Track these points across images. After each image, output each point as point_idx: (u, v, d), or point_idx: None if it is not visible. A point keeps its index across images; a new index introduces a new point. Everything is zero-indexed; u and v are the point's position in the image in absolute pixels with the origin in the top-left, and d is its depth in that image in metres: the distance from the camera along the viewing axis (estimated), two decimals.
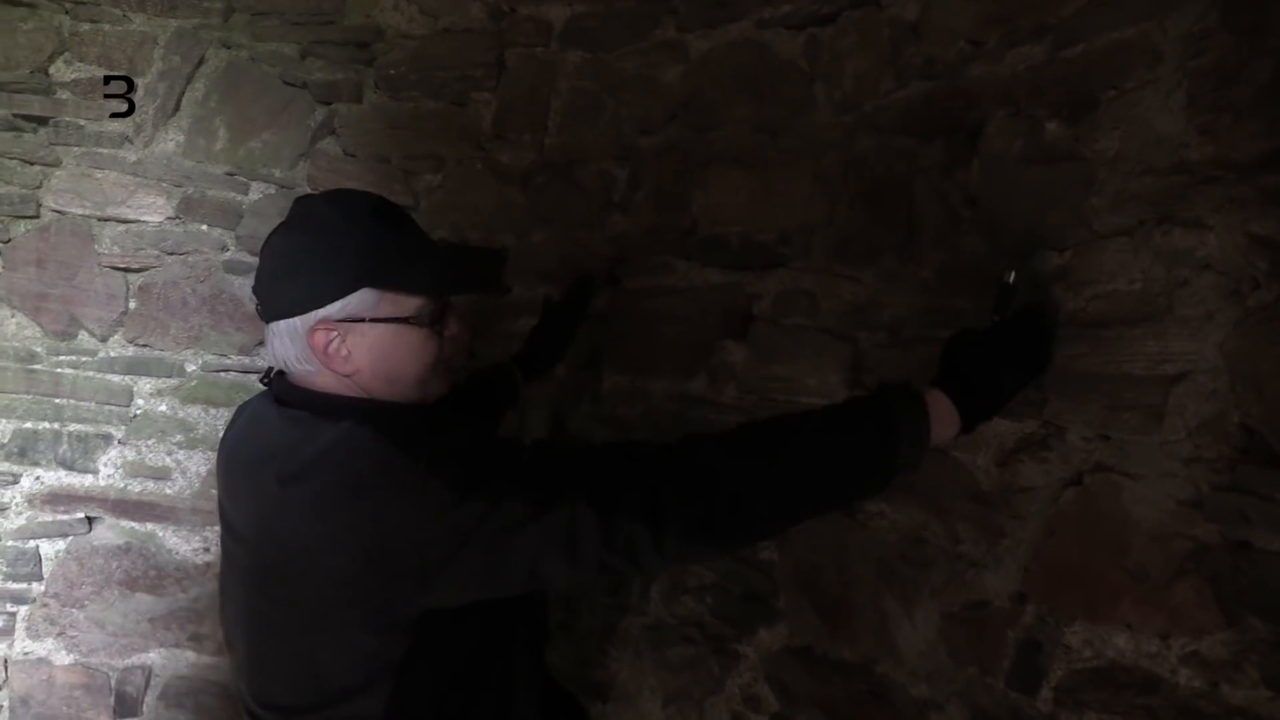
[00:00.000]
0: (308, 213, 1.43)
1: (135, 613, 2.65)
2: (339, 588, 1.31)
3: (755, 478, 1.33)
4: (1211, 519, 1.32)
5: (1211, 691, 1.31)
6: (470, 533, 1.25)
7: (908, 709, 1.77)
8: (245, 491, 1.46)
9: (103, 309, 2.62)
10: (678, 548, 1.30)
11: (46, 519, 2.63)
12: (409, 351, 1.42)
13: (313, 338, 1.37)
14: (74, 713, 2.63)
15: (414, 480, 1.25)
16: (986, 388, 1.43)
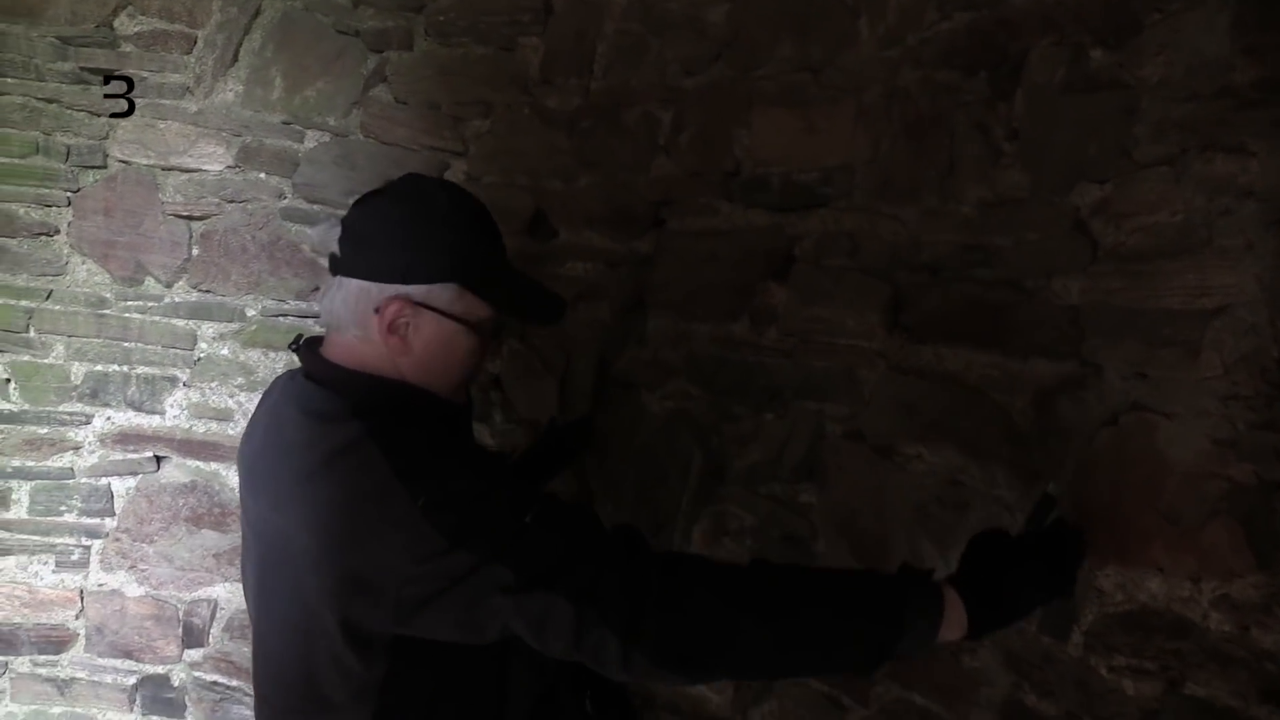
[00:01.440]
0: (421, 193, 1.45)
1: (201, 548, 2.75)
2: (325, 598, 1.33)
3: (747, 633, 1.26)
4: (1246, 458, 1.27)
5: (1241, 636, 1.27)
6: (451, 583, 1.25)
7: (940, 652, 1.74)
8: (261, 487, 1.48)
9: (167, 255, 2.70)
10: (644, 670, 1.27)
11: (117, 458, 2.73)
12: (461, 353, 1.45)
13: (386, 308, 1.38)
14: (145, 642, 2.76)
15: (410, 518, 1.24)
16: (1006, 604, 1.34)
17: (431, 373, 1.44)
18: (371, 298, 1.39)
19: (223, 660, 2.78)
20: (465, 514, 1.27)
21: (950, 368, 1.76)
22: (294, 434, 1.41)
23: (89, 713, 2.78)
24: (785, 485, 2.06)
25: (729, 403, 2.17)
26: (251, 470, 1.54)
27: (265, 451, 1.49)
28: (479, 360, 1.49)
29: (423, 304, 1.39)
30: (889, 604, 1.29)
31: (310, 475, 1.34)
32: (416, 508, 1.24)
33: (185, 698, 2.79)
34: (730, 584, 1.31)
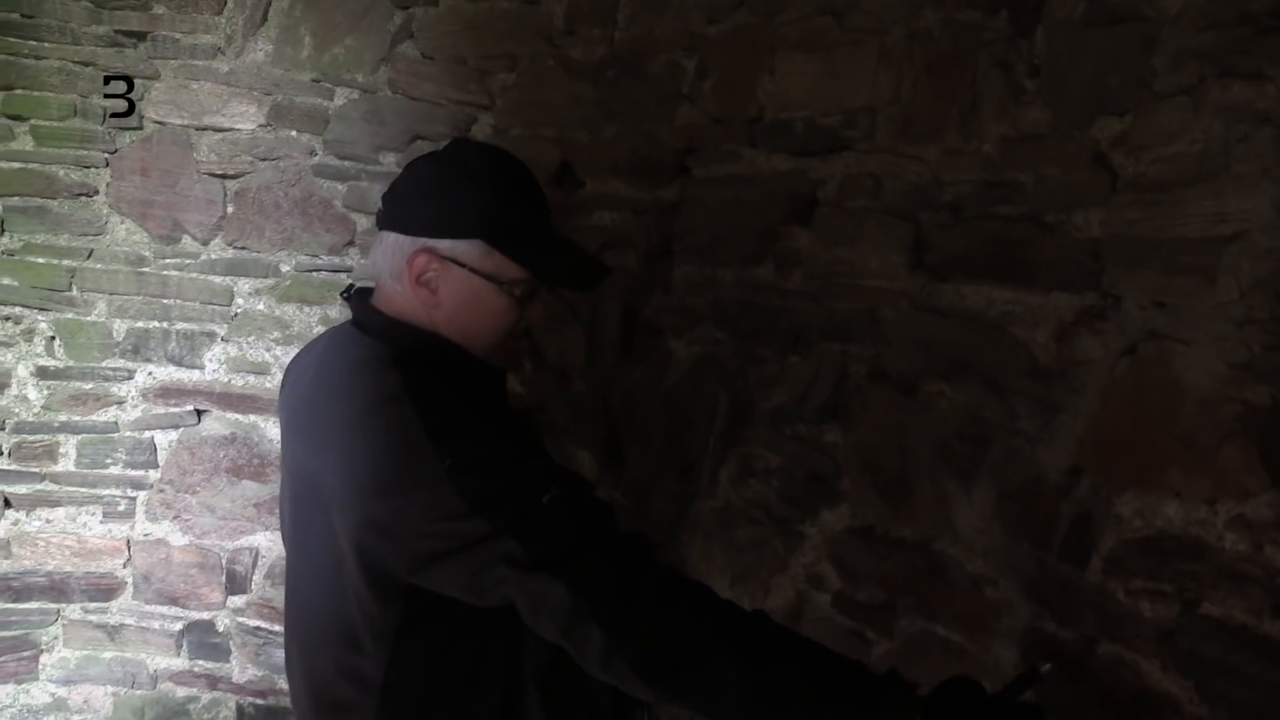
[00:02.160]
0: (460, 153, 1.49)
1: (241, 498, 2.83)
2: (349, 539, 1.37)
3: (720, 671, 1.29)
4: (1261, 380, 1.29)
5: (1255, 555, 1.30)
6: (463, 545, 1.29)
7: (963, 584, 1.78)
8: (302, 431, 1.53)
9: (203, 214, 2.76)
10: (619, 674, 1.30)
11: (159, 411, 2.81)
12: (490, 312, 1.46)
13: (415, 260, 1.42)
14: (190, 589, 2.84)
15: (435, 478, 1.28)
16: None
17: (464, 328, 1.47)
18: (403, 250, 1.43)
19: (264, 606, 2.87)
20: (488, 482, 1.31)
21: (972, 305, 1.78)
22: (335, 383, 1.47)
23: (138, 657, 2.88)
24: (810, 426, 2.09)
25: (754, 346, 2.20)
26: (294, 414, 1.59)
27: (308, 398, 1.54)
28: (514, 322, 1.49)
29: (450, 258, 1.42)
30: (864, 702, 1.31)
31: (346, 425, 1.40)
32: (443, 468, 1.28)
33: (229, 642, 2.88)
34: (722, 620, 1.35)
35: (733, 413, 2.24)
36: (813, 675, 1.33)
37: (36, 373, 2.77)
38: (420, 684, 1.46)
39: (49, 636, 2.87)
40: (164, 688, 2.90)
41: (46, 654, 2.87)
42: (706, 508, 2.31)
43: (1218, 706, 1.33)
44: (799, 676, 1.32)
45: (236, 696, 2.91)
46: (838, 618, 2.05)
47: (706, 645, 1.30)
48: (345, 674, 1.49)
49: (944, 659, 1.83)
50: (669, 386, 2.37)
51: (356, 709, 1.47)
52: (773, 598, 2.18)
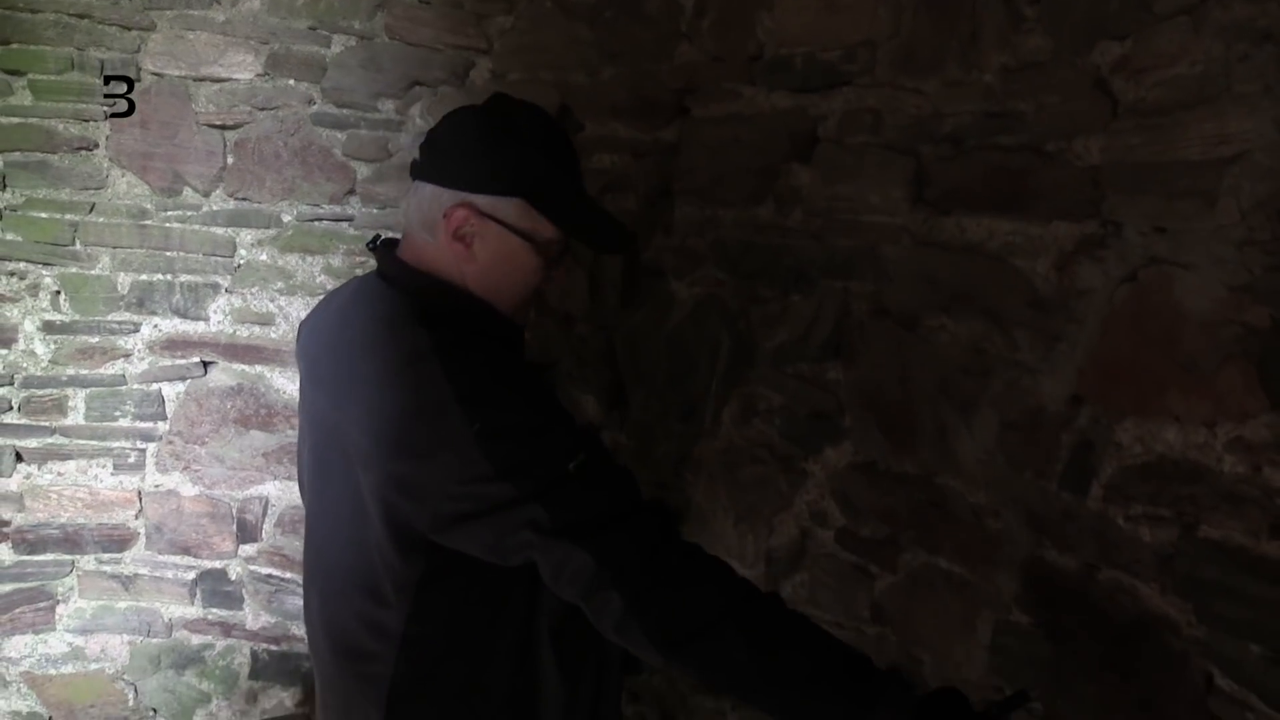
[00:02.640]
0: (503, 110, 1.50)
1: (250, 448, 2.85)
2: (373, 494, 1.40)
3: (730, 647, 1.31)
4: (1261, 302, 1.28)
5: (1254, 476, 1.30)
6: (489, 509, 1.31)
7: (965, 516, 1.80)
8: (324, 382, 1.54)
9: (203, 165, 2.75)
10: (634, 640, 1.33)
11: (166, 363, 2.82)
12: (521, 270, 1.48)
13: (453, 214, 1.42)
14: (202, 538, 2.88)
15: (463, 441, 1.29)
16: None
17: (493, 285, 1.48)
18: (441, 203, 1.44)
19: (276, 554, 2.90)
20: (516, 448, 1.32)
21: (972, 238, 1.78)
22: (362, 337, 1.47)
23: (153, 606, 2.92)
24: (812, 364, 2.10)
25: (756, 286, 2.20)
26: (315, 364, 1.60)
27: (331, 348, 1.55)
28: (540, 281, 1.51)
29: (489, 214, 1.42)
30: (864, 695, 1.33)
31: (373, 381, 1.40)
32: (471, 432, 1.29)
33: (242, 590, 2.92)
34: (737, 597, 1.36)
35: (735, 353, 2.24)
36: (819, 662, 1.35)
37: (43, 327, 2.78)
38: (439, 635, 1.49)
39: (64, 587, 2.91)
40: (179, 636, 2.95)
41: (63, 604, 2.91)
42: (710, 448, 2.32)
43: (1215, 627, 1.34)
44: (805, 661, 1.35)
45: (250, 643, 2.95)
46: (841, 553, 2.06)
47: (719, 620, 1.32)
48: (365, 624, 1.51)
49: (946, 591, 1.85)
50: (671, 328, 2.37)
51: (376, 658, 1.50)
52: (776, 536, 2.20)
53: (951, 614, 1.84)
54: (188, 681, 2.96)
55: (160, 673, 2.94)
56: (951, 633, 1.84)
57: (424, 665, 1.51)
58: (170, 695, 2.95)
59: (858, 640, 2.02)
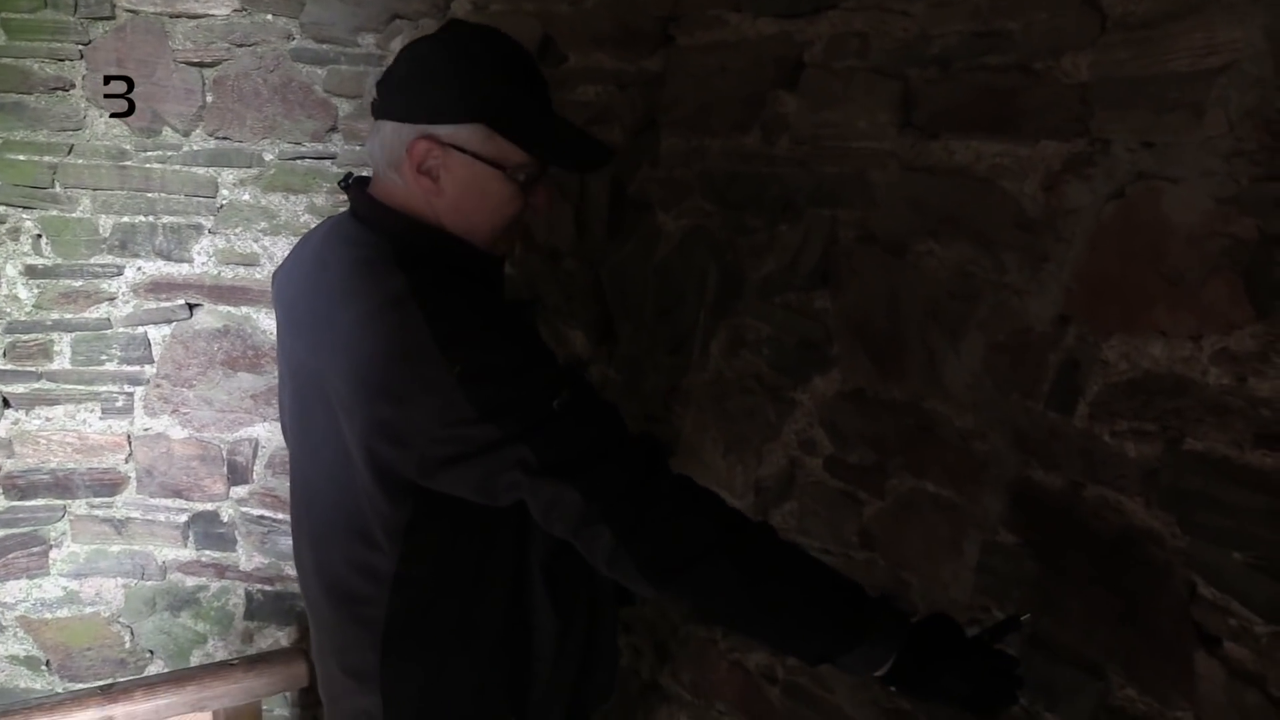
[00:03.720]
0: (457, 36, 1.45)
1: (238, 390, 2.85)
2: (357, 440, 1.39)
3: (723, 577, 1.33)
4: (1248, 213, 1.28)
5: (1238, 387, 1.31)
6: (475, 451, 1.31)
7: (952, 439, 1.80)
8: (301, 329, 1.53)
9: (182, 104, 2.72)
10: (625, 573, 1.34)
11: (151, 306, 2.81)
12: (493, 200, 1.44)
13: (414, 147, 1.40)
14: (193, 481, 2.88)
15: (445, 384, 1.28)
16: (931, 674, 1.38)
17: (466, 218, 1.45)
18: (402, 138, 1.41)
19: (267, 495, 2.91)
20: (498, 389, 1.31)
21: (960, 160, 1.76)
22: (337, 282, 1.45)
23: (146, 549, 2.93)
24: (800, 293, 2.09)
25: (743, 216, 2.19)
26: (292, 310, 1.59)
27: (307, 294, 1.53)
28: (516, 210, 1.47)
29: (452, 144, 1.39)
30: (856, 621, 1.35)
31: (352, 327, 1.38)
32: (453, 375, 1.28)
33: (235, 532, 2.94)
34: (727, 527, 1.38)
35: (723, 284, 2.24)
36: (810, 589, 1.38)
37: (25, 271, 2.76)
38: (430, 576, 1.50)
39: (57, 532, 2.92)
40: (173, 578, 2.97)
41: (56, 549, 2.93)
42: (698, 380, 2.33)
43: (1198, 537, 1.36)
44: (796, 589, 1.37)
45: (244, 584, 2.98)
46: (830, 481, 2.07)
47: (710, 550, 1.33)
48: (356, 567, 1.52)
49: (934, 514, 1.86)
50: (659, 261, 2.36)
51: (369, 600, 1.51)
52: (765, 465, 2.21)
53: (939, 536, 1.85)
54: (183, 623, 2.99)
55: (155, 615, 2.97)
56: (939, 555, 1.86)
57: (417, 606, 1.52)
58: (166, 637, 2.98)
59: (846, 566, 2.04)
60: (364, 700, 1.57)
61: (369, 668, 1.54)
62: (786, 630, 1.40)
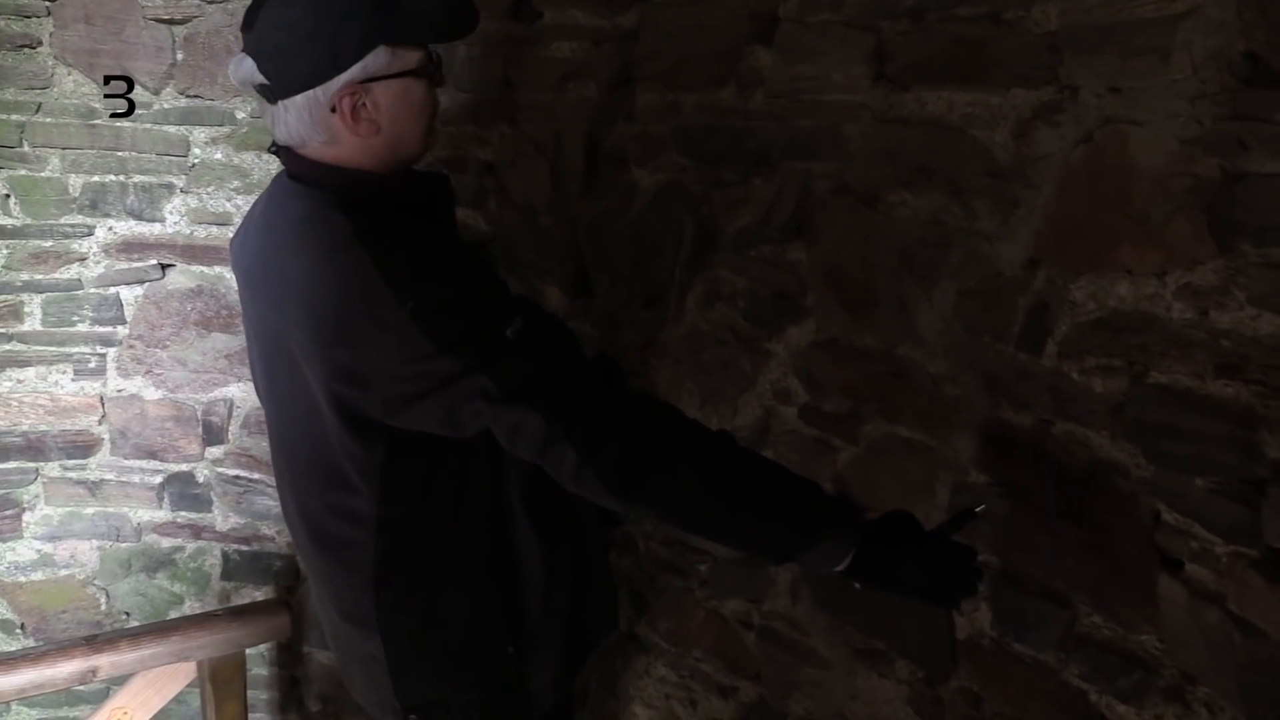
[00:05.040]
0: None
1: (213, 350, 2.84)
2: (321, 388, 1.43)
3: (686, 483, 1.38)
4: (1211, 152, 1.33)
5: (1200, 320, 1.36)
6: (436, 385, 1.34)
7: (924, 384, 1.85)
8: (259, 289, 1.56)
9: (152, 62, 2.70)
10: (591, 488, 1.39)
11: (123, 267, 2.79)
12: (416, 108, 1.48)
13: (340, 104, 1.40)
14: (167, 442, 2.88)
15: (399, 322, 1.31)
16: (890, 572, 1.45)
17: (403, 139, 1.49)
18: (322, 103, 1.41)
19: (243, 455, 2.91)
20: (452, 321, 1.34)
21: (933, 111, 1.80)
22: (286, 238, 1.48)
23: (121, 511, 2.93)
24: (774, 245, 2.13)
25: (718, 170, 2.22)
26: (249, 273, 1.62)
27: (262, 254, 1.56)
28: (434, 103, 1.53)
29: (366, 79, 1.41)
30: (815, 518, 1.42)
31: (304, 278, 1.42)
32: (405, 312, 1.31)
33: (210, 492, 2.94)
34: (687, 437, 1.43)
35: (698, 238, 2.27)
36: (769, 492, 1.43)
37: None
38: (411, 514, 1.55)
39: (30, 495, 2.91)
40: (149, 539, 2.96)
41: (29, 512, 2.92)
42: (674, 334, 2.36)
43: (1162, 465, 1.42)
44: (756, 493, 1.43)
45: (221, 544, 2.98)
46: (804, 429, 2.12)
47: (671, 461, 1.38)
48: (338, 513, 1.56)
49: (906, 458, 1.91)
50: (634, 216, 2.38)
51: (355, 544, 1.56)
52: (740, 416, 2.25)
53: (911, 479, 1.91)
54: (159, 584, 2.99)
55: (131, 576, 2.97)
56: (911, 497, 1.90)
57: (401, 545, 1.56)
58: (143, 598, 2.98)
59: None
60: (366, 644, 1.62)
61: (365, 611, 1.59)
62: (750, 532, 1.46)
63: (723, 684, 2.37)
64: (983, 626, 1.77)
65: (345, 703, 2.99)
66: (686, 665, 2.45)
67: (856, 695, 2.06)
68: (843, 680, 2.08)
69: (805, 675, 2.16)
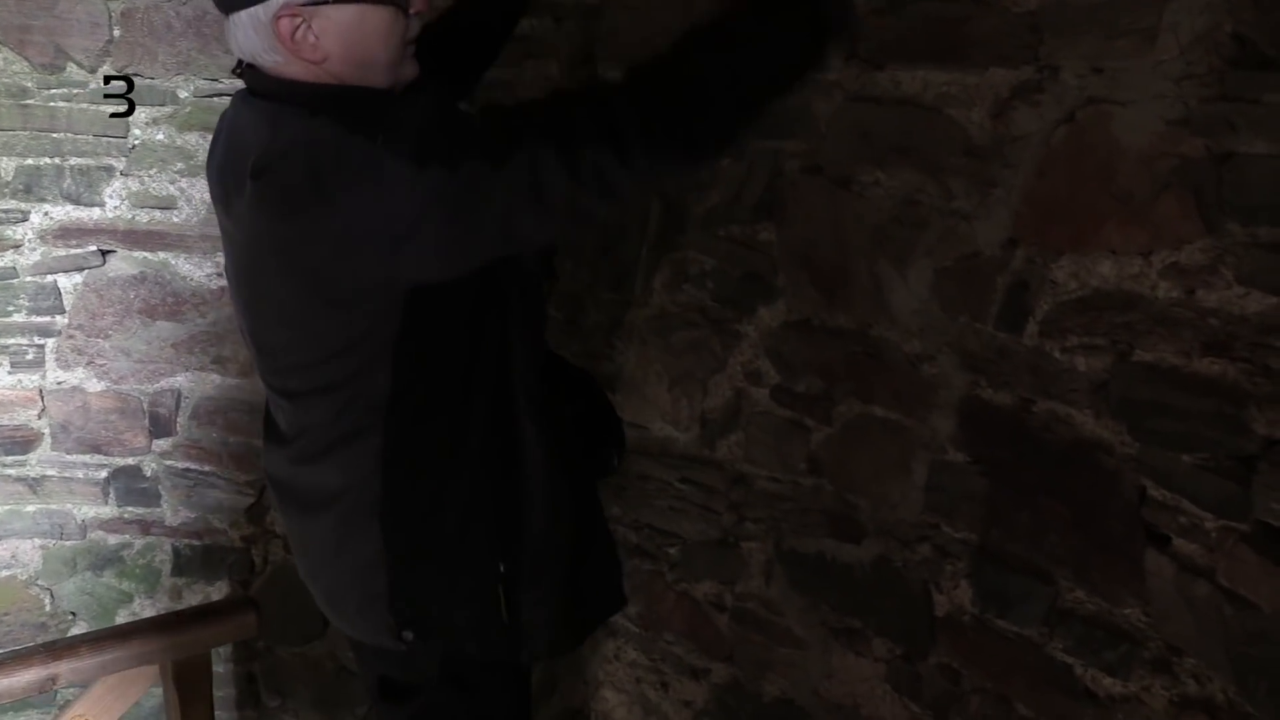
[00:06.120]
0: None
1: (158, 339, 2.74)
2: (312, 280, 1.38)
3: (706, 72, 1.34)
4: (1198, 133, 1.35)
5: (1188, 299, 1.38)
6: (434, 200, 1.27)
7: (900, 365, 1.86)
8: (230, 195, 1.50)
9: (87, 38, 2.57)
10: (646, 162, 1.32)
11: (60, 253, 2.67)
12: (377, 34, 1.40)
13: (278, 26, 1.35)
14: (112, 435, 2.77)
15: (371, 160, 1.26)
16: None
17: (362, 64, 1.42)
18: (263, 22, 1.36)
19: (192, 447, 2.81)
20: (422, 134, 1.30)
21: (907, 90, 1.80)
22: (252, 138, 1.42)
23: (64, 508, 2.81)
24: (744, 225, 2.11)
25: None
26: (221, 183, 1.57)
27: (227, 162, 1.51)
28: (405, 28, 1.43)
29: (309, 3, 1.34)
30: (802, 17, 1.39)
31: (271, 169, 1.35)
32: (375, 149, 1.27)
33: (159, 486, 2.83)
34: (673, 52, 1.38)
35: (665, 218, 2.25)
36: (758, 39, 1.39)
37: None
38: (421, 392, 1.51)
39: None
40: (94, 536, 2.85)
41: None
42: (641, 315, 2.34)
43: (1148, 442, 1.44)
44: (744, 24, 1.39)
45: (171, 540, 2.88)
46: (776, 410, 2.12)
47: (684, 74, 1.36)
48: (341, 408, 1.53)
49: (882, 437, 1.92)
50: None
51: (361, 432, 1.53)
52: (711, 397, 2.24)
53: (887, 459, 1.92)
54: (107, 583, 2.88)
55: (77, 575, 2.86)
56: (887, 476, 1.92)
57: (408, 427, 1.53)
58: (89, 598, 2.88)
59: (794, 491, 2.09)
60: (364, 546, 1.59)
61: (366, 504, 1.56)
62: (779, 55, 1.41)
63: (695, 666, 2.37)
64: (963, 603, 1.79)
65: (303, 698, 2.93)
66: (657, 648, 2.44)
67: (832, 674, 2.08)
68: (818, 659, 2.10)
69: (780, 655, 2.17)
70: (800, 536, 2.10)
